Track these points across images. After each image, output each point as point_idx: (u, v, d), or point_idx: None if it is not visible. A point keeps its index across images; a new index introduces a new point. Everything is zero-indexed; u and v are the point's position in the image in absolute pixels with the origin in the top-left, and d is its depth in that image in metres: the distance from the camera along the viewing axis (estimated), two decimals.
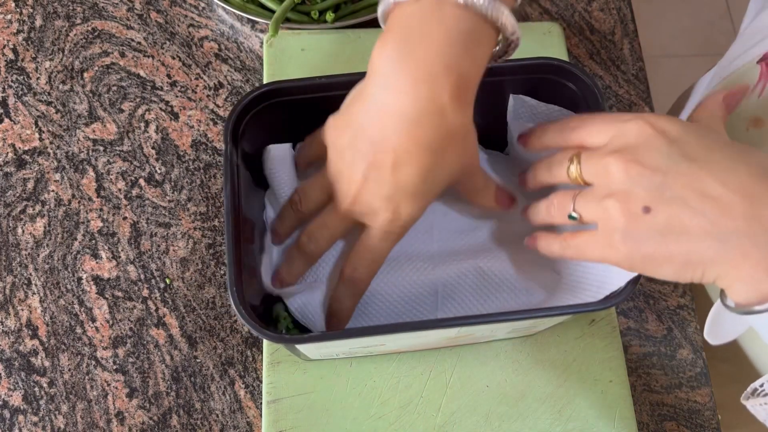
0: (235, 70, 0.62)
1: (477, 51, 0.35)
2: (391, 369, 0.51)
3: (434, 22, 0.34)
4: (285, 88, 0.45)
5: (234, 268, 0.40)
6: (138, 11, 0.64)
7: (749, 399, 0.38)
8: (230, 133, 0.43)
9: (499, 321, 0.41)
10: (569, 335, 0.52)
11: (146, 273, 0.56)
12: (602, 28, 0.66)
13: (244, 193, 0.43)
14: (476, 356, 0.52)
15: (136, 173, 0.59)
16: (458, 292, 0.47)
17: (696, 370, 0.54)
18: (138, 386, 0.53)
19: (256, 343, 0.54)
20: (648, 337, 0.55)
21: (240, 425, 0.52)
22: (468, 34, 0.35)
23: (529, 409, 0.50)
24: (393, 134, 0.37)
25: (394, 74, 0.35)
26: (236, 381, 0.53)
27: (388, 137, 0.37)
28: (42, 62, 0.62)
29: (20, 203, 0.57)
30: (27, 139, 0.60)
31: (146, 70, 0.62)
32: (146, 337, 0.54)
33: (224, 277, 0.56)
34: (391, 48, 0.35)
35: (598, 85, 0.44)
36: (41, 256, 0.56)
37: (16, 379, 0.52)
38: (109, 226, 0.57)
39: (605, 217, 0.36)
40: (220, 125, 0.61)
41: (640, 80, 0.64)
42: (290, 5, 0.60)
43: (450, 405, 0.50)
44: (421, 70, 0.35)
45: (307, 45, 0.60)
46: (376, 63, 0.36)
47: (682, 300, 0.56)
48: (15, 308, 0.54)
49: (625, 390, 0.51)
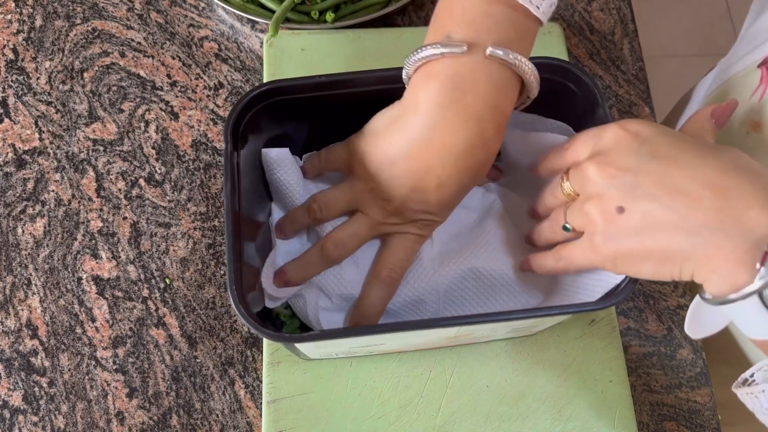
0: (235, 70, 0.62)
1: (512, 94, 0.41)
2: (391, 369, 0.51)
3: (481, 73, 0.39)
4: (285, 88, 0.45)
5: (234, 268, 0.40)
6: (138, 11, 0.64)
7: (740, 388, 0.38)
8: (230, 133, 0.43)
9: (499, 321, 0.41)
10: (569, 335, 0.52)
11: (146, 273, 0.56)
12: (602, 28, 0.66)
13: (244, 193, 0.43)
14: (476, 356, 0.52)
15: (136, 173, 0.59)
16: (459, 294, 0.47)
17: (696, 370, 0.54)
18: (138, 386, 0.53)
19: (256, 343, 0.54)
20: (648, 337, 0.55)
21: (240, 425, 0.52)
22: (506, 82, 0.40)
23: (529, 409, 0.50)
24: (438, 164, 0.41)
25: (443, 115, 0.40)
26: (236, 381, 0.53)
27: (433, 167, 0.41)
28: (42, 62, 0.62)
29: (20, 203, 0.57)
30: (27, 139, 0.60)
31: (146, 70, 0.62)
32: (146, 337, 0.54)
33: (224, 277, 0.56)
34: (439, 92, 0.40)
35: (598, 85, 0.44)
36: (41, 256, 0.56)
37: (16, 379, 0.52)
38: (109, 226, 0.57)
39: (587, 222, 0.38)
40: (220, 125, 0.60)
41: (640, 80, 0.64)
42: (290, 5, 0.60)
43: (450, 405, 0.50)
44: (470, 113, 0.40)
45: (307, 45, 0.60)
46: (422, 105, 0.40)
47: (682, 300, 0.56)
48: (15, 308, 0.54)
49: (625, 390, 0.51)
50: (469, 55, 0.39)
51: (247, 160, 0.45)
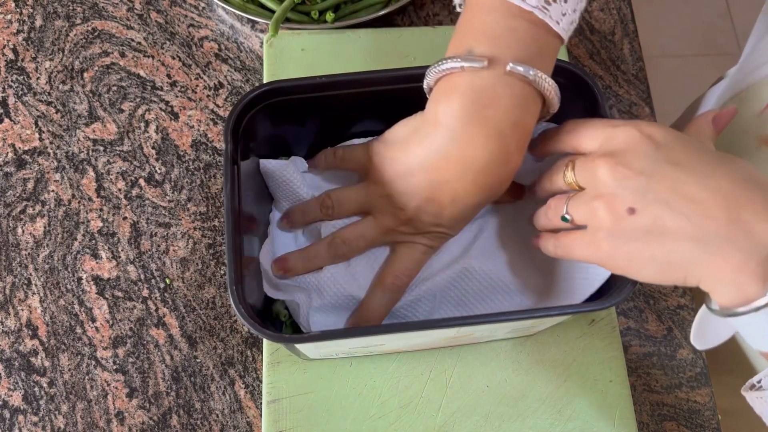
0: (235, 70, 0.62)
1: (534, 109, 0.41)
2: (391, 369, 0.51)
3: (502, 88, 0.39)
4: (285, 88, 0.45)
5: (234, 268, 0.40)
6: (138, 11, 0.64)
7: (748, 392, 0.38)
8: (230, 133, 0.43)
9: (500, 321, 0.41)
10: (569, 335, 0.52)
11: (146, 273, 0.56)
12: (602, 28, 0.66)
13: (244, 193, 0.43)
14: (476, 356, 0.52)
15: (136, 173, 0.59)
16: (454, 293, 0.48)
17: (696, 370, 0.54)
18: (138, 386, 0.53)
19: (256, 343, 0.54)
20: (648, 337, 0.55)
21: (240, 425, 0.52)
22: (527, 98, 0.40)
23: (529, 409, 0.50)
24: (456, 179, 0.41)
25: (464, 129, 0.40)
26: (236, 381, 0.53)
27: (450, 180, 0.41)
28: (42, 62, 0.62)
29: (20, 203, 0.57)
30: (27, 139, 0.60)
31: (146, 70, 0.62)
32: (146, 337, 0.54)
33: (224, 277, 0.56)
34: (460, 106, 0.39)
35: (598, 85, 0.44)
36: (41, 256, 0.56)
37: (16, 379, 0.52)
38: (109, 226, 0.57)
39: (593, 218, 0.38)
40: (220, 125, 0.61)
41: (640, 80, 0.64)
42: (290, 5, 0.60)
43: (450, 405, 0.50)
44: (491, 128, 0.39)
45: (307, 45, 0.60)
46: (443, 118, 0.40)
47: (682, 300, 0.56)
48: (15, 308, 0.54)
49: (625, 390, 0.51)
50: (490, 70, 0.39)
51: (247, 160, 0.45)
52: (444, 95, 0.41)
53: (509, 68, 0.38)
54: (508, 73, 0.39)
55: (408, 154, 0.43)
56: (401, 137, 0.44)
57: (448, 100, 0.40)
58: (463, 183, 0.41)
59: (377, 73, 0.45)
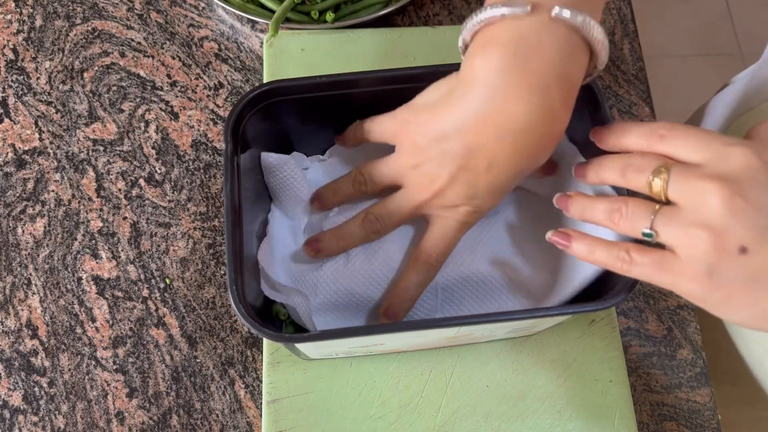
0: (235, 70, 0.62)
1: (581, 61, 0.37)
2: (391, 369, 0.51)
3: (547, 36, 0.35)
4: (285, 88, 0.45)
5: (234, 268, 0.40)
6: (138, 11, 0.64)
7: None
8: (230, 133, 0.43)
9: (500, 321, 0.41)
10: (569, 335, 0.52)
11: (146, 273, 0.56)
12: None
13: (244, 193, 0.43)
14: (476, 356, 0.52)
15: (136, 173, 0.59)
16: (457, 293, 0.47)
17: (696, 370, 0.54)
18: (138, 386, 0.53)
19: (256, 343, 0.54)
20: (648, 337, 0.55)
21: (240, 425, 0.52)
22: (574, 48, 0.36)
23: (529, 409, 0.50)
24: (494, 142, 0.37)
25: (503, 84, 0.36)
26: (236, 381, 0.53)
27: (486, 144, 0.37)
28: (42, 62, 0.62)
29: (20, 203, 0.57)
30: (27, 139, 0.60)
31: (146, 70, 0.62)
32: (146, 337, 0.54)
33: (224, 277, 0.56)
34: (499, 58, 0.35)
35: (598, 85, 0.44)
36: (41, 256, 0.56)
37: (16, 379, 0.52)
38: (109, 226, 0.57)
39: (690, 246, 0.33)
40: (220, 125, 0.61)
41: (640, 80, 0.64)
42: (290, 5, 0.60)
43: (450, 405, 0.50)
44: (535, 81, 0.35)
45: (307, 45, 0.60)
46: (479, 74, 0.36)
47: (682, 300, 0.56)
48: (15, 308, 0.54)
49: (625, 390, 0.51)
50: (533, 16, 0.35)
51: (246, 160, 0.45)
52: (481, 49, 0.37)
53: (554, 13, 0.35)
54: (553, 19, 0.35)
55: (440, 117, 0.39)
56: (432, 101, 0.40)
57: (485, 53, 0.36)
58: (502, 146, 0.37)
59: (377, 73, 0.45)
